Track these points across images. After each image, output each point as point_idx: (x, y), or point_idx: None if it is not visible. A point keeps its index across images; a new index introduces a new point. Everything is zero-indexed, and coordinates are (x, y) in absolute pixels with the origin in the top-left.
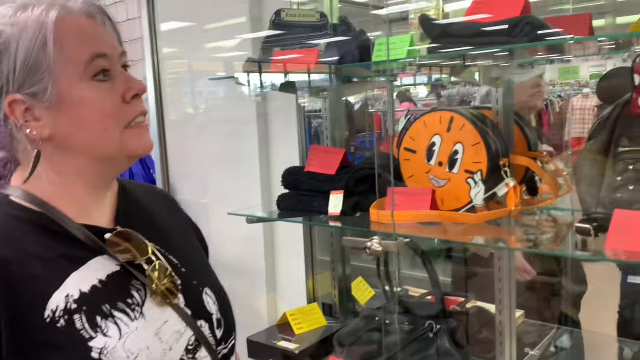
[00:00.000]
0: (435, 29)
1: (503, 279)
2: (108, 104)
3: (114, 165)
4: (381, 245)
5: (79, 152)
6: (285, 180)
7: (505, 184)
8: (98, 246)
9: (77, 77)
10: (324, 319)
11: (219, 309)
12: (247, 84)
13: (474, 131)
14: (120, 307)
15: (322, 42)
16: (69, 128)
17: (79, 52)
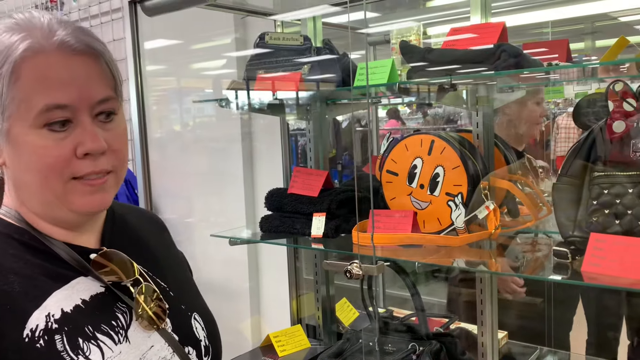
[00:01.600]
0: (415, 55)
1: (485, 301)
2: (52, 157)
3: (65, 212)
4: (361, 270)
5: (29, 190)
6: (268, 202)
7: (485, 206)
8: (82, 266)
9: (28, 122)
10: (307, 340)
11: (207, 335)
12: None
13: (454, 154)
14: (104, 329)
15: (306, 64)
16: (17, 165)
17: (34, 99)
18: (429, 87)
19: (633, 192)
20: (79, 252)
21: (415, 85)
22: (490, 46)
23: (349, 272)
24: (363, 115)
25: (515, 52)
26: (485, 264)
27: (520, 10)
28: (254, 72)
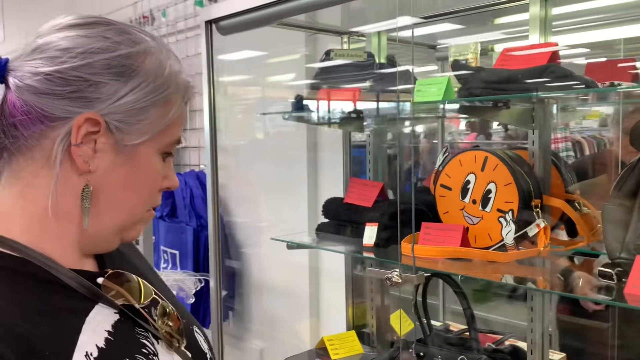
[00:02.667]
0: (466, 74)
1: (535, 319)
2: (158, 182)
3: (113, 239)
4: (401, 278)
5: (99, 209)
6: (325, 209)
7: (536, 224)
8: (94, 293)
9: (157, 146)
10: (360, 346)
11: (209, 347)
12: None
13: (507, 172)
14: (139, 359)
15: (368, 79)
16: (115, 180)
17: (174, 130)
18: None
19: None
20: (86, 277)
21: (469, 103)
22: (538, 66)
23: (389, 280)
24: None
25: (562, 73)
26: (533, 282)
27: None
28: (319, 86)
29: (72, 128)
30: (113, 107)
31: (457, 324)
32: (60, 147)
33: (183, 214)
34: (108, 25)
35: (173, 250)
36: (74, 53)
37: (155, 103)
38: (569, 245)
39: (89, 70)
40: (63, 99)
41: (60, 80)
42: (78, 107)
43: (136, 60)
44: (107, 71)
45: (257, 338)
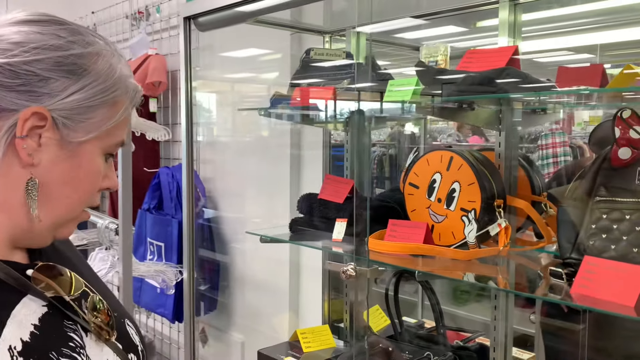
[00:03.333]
0: (427, 77)
1: (499, 317)
2: (98, 182)
3: (47, 234)
4: (355, 271)
5: (55, 201)
6: (299, 205)
7: (497, 224)
8: (22, 284)
9: (101, 146)
10: (333, 340)
11: (141, 340)
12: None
13: (470, 172)
14: (66, 353)
15: (345, 79)
16: (57, 175)
17: (118, 133)
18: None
19: (630, 218)
20: (15, 269)
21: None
22: (496, 69)
23: (344, 273)
24: (440, 130)
25: (518, 75)
26: (494, 280)
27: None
28: (298, 85)
29: (17, 120)
30: (61, 104)
31: (433, 322)
32: (4, 138)
33: (169, 207)
34: (62, 24)
35: (159, 242)
36: (27, 47)
37: (103, 103)
38: (533, 246)
39: (41, 66)
40: (11, 91)
41: (10, 73)
42: (25, 100)
43: (88, 61)
44: (59, 68)
45: (239, 331)
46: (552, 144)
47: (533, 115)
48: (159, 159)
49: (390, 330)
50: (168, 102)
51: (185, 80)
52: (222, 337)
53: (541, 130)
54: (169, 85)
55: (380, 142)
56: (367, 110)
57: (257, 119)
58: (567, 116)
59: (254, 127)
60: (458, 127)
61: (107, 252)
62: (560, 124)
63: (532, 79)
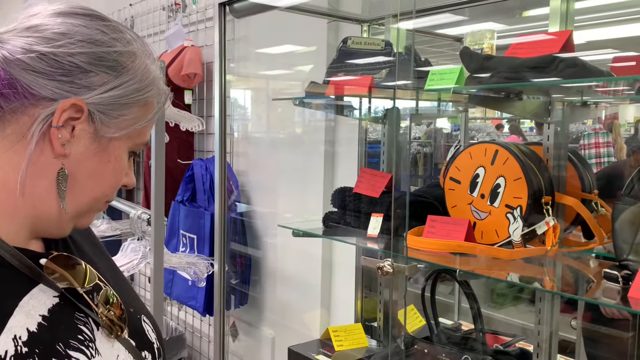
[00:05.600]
0: (473, 63)
1: (542, 321)
2: (121, 178)
3: (66, 223)
4: (392, 268)
5: (79, 193)
6: (333, 199)
7: (545, 222)
8: (35, 273)
9: (129, 144)
10: (366, 340)
11: (157, 337)
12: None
13: (517, 166)
14: (74, 345)
15: (383, 69)
16: (85, 168)
17: (146, 132)
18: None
19: None
20: (29, 257)
21: (478, 94)
22: (549, 55)
23: (380, 269)
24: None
25: (573, 62)
26: (540, 282)
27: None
28: (334, 74)
29: (55, 110)
30: (98, 98)
31: (470, 324)
32: (39, 126)
33: (202, 199)
34: (105, 20)
35: (191, 234)
36: (73, 40)
37: (137, 103)
38: (582, 247)
39: (84, 59)
40: (52, 80)
41: (54, 62)
42: (65, 90)
43: (127, 59)
44: (100, 63)
45: (270, 326)
46: (595, 143)
47: (583, 109)
48: (193, 151)
49: (425, 331)
50: (203, 94)
51: (220, 69)
52: (252, 331)
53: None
54: (204, 77)
55: (415, 140)
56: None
57: (292, 114)
58: (610, 117)
59: (288, 122)
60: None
61: (139, 242)
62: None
63: (590, 67)
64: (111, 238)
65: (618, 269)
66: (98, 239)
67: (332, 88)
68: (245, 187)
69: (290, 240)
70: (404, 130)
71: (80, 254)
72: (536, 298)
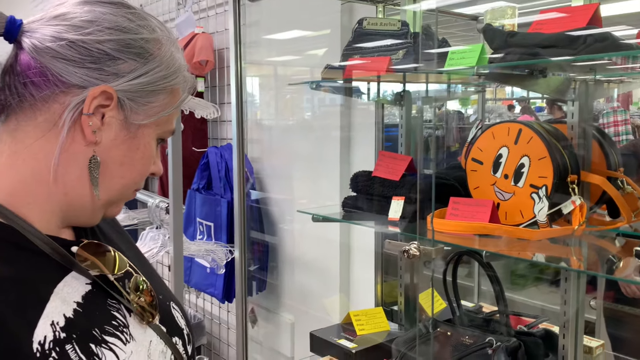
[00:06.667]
0: (497, 39)
1: (568, 302)
2: (150, 166)
3: (97, 212)
4: (419, 251)
5: (109, 180)
6: (352, 183)
7: (571, 201)
8: (67, 261)
9: (157, 132)
10: (387, 323)
11: (186, 323)
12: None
13: (542, 145)
14: (109, 331)
15: (401, 50)
16: (115, 155)
17: (172, 120)
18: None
19: None
20: (61, 245)
21: (501, 71)
22: (576, 29)
23: (406, 252)
24: (492, 109)
25: (602, 36)
26: (566, 262)
27: None
28: (350, 57)
29: (86, 97)
30: (127, 85)
31: (491, 306)
32: (70, 114)
33: (218, 187)
34: (130, 8)
35: (208, 222)
36: (101, 27)
37: (164, 90)
38: (608, 226)
39: (112, 46)
40: (82, 68)
41: (83, 50)
42: (95, 78)
43: (153, 46)
44: (128, 50)
45: (289, 311)
46: (614, 122)
47: (607, 86)
48: (207, 139)
49: (446, 314)
50: (215, 82)
51: (235, 56)
52: (271, 317)
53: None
54: (216, 64)
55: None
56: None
57: (305, 100)
58: (625, 95)
59: (302, 108)
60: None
61: (158, 231)
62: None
63: (620, 42)
64: (129, 227)
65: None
66: (123, 228)
67: (349, 71)
68: (260, 174)
69: (308, 226)
70: (419, 113)
71: (109, 241)
72: (562, 278)
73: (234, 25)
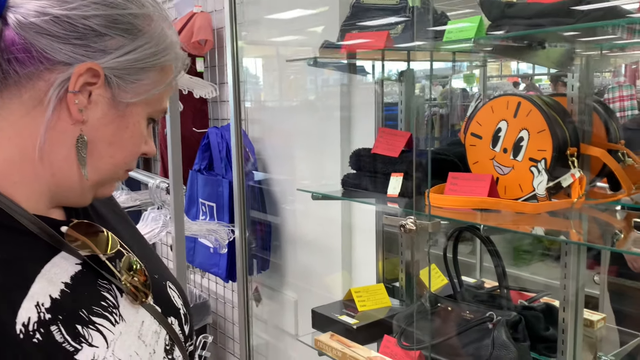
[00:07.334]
0: (494, 11)
1: (569, 276)
2: (140, 146)
3: (87, 192)
4: (415, 225)
5: (98, 160)
6: (352, 160)
7: (571, 174)
8: (56, 241)
9: (147, 111)
10: (388, 300)
11: (183, 303)
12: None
13: (541, 118)
14: (97, 311)
15: (399, 24)
16: (103, 134)
17: (164, 99)
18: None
19: None
20: (50, 225)
21: (500, 43)
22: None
23: (402, 227)
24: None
25: (601, 5)
26: (566, 234)
27: None
28: (348, 32)
29: (71, 75)
30: (114, 62)
31: (493, 282)
32: (56, 91)
33: (219, 167)
34: None
35: (210, 202)
36: (87, 2)
37: (154, 67)
38: (608, 199)
39: (98, 21)
40: (67, 44)
41: (68, 25)
42: (81, 55)
43: (142, 22)
44: (115, 26)
45: (292, 290)
46: (620, 97)
47: (608, 57)
48: (207, 120)
49: (447, 290)
50: (215, 61)
51: (231, 35)
52: (275, 296)
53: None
54: (215, 43)
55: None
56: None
57: (305, 79)
58: (632, 70)
59: (303, 88)
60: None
61: (159, 211)
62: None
63: (619, 10)
64: (131, 209)
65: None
66: (121, 208)
67: (347, 46)
68: (262, 154)
69: (309, 205)
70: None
71: (102, 222)
72: (562, 252)
73: (229, 4)
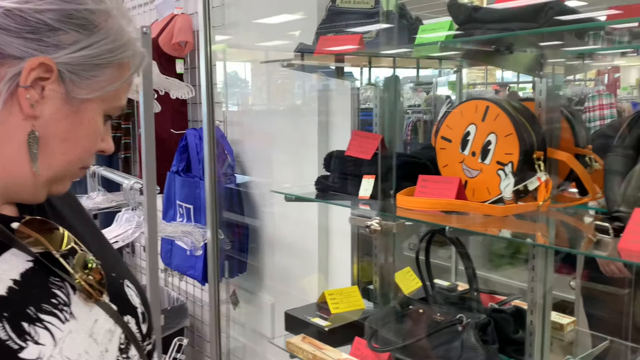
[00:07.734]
0: (462, 15)
1: (536, 279)
2: (96, 143)
3: (40, 189)
4: (380, 226)
5: (51, 156)
6: (325, 162)
7: (537, 177)
8: (6, 237)
9: (103, 107)
10: (362, 302)
11: (142, 301)
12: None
13: (508, 122)
14: (46, 309)
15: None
16: (57, 130)
17: (122, 96)
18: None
19: None
20: (0, 221)
21: (470, 48)
22: (538, 2)
23: (368, 227)
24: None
25: (563, 9)
26: (532, 237)
27: None
28: (323, 35)
29: (22, 69)
30: (68, 58)
31: (466, 285)
32: (6, 86)
33: (197, 169)
34: None
35: (187, 204)
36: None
37: (110, 64)
38: (575, 202)
39: (52, 16)
40: (18, 38)
41: (19, 19)
42: (33, 49)
43: (99, 17)
44: (70, 21)
45: (269, 293)
46: (599, 105)
47: (577, 63)
48: (187, 121)
49: (421, 293)
50: (195, 63)
51: (205, 38)
52: (252, 299)
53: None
54: (196, 45)
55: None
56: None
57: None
58: (613, 80)
59: (283, 91)
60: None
61: (134, 212)
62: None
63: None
64: (108, 209)
65: (610, 221)
66: (82, 206)
67: (322, 45)
68: (241, 157)
69: (287, 208)
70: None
71: (58, 219)
72: (529, 255)
73: (203, 7)
